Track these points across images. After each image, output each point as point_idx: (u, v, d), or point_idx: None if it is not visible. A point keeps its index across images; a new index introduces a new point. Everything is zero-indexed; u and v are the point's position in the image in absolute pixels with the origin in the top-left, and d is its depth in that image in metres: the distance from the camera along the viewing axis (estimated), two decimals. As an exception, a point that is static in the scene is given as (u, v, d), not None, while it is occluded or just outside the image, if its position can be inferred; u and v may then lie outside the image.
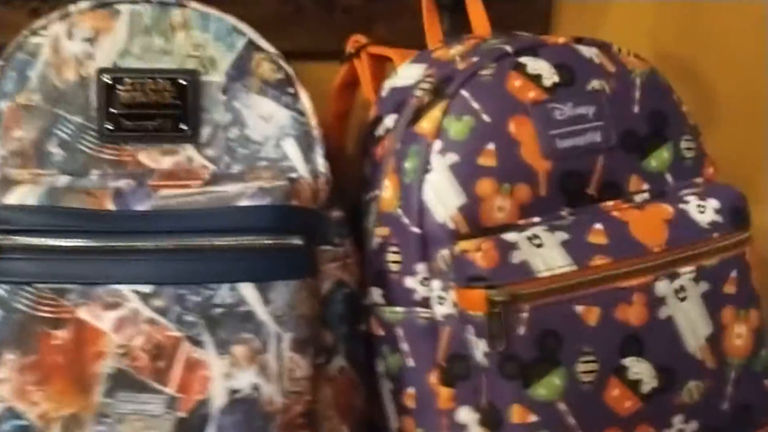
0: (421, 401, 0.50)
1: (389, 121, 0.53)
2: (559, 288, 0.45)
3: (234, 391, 0.46)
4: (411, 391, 0.50)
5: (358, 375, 0.52)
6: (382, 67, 0.60)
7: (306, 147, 0.50)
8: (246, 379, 0.46)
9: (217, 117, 0.50)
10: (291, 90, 0.50)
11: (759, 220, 0.74)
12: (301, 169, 0.50)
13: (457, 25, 0.62)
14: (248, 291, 0.46)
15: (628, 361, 0.47)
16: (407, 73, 0.55)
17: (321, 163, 0.50)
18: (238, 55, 0.50)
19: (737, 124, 0.69)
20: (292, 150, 0.50)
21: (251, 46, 0.50)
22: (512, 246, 0.46)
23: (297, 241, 0.47)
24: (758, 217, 0.73)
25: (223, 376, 0.46)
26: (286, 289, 0.46)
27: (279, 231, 0.46)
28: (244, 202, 0.46)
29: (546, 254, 0.46)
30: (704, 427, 0.49)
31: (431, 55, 0.55)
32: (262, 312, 0.46)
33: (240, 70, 0.50)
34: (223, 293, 0.46)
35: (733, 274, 0.49)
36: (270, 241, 0.46)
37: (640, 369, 0.47)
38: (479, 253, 0.45)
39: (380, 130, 0.54)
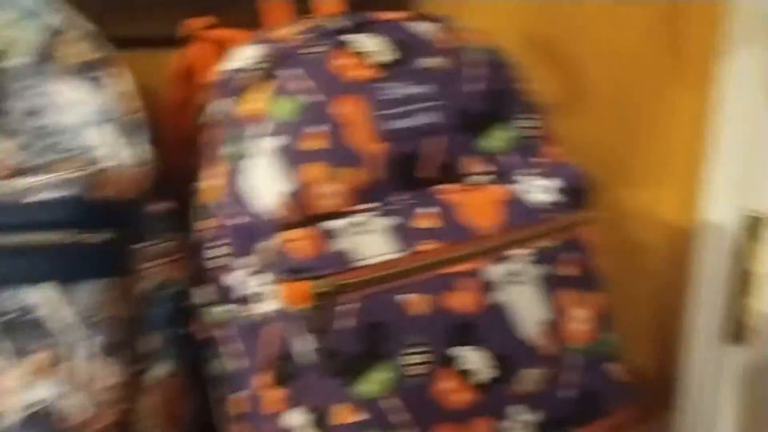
0: (253, 405, 0.47)
1: (218, 105, 0.49)
2: (383, 277, 0.43)
3: (32, 404, 0.42)
4: (243, 394, 0.47)
5: (189, 380, 0.49)
6: (222, 51, 0.57)
7: (127, 133, 0.46)
8: (46, 390, 0.42)
9: (21, 104, 0.46)
10: (106, 72, 0.46)
11: (631, 203, 0.74)
12: (117, 158, 0.46)
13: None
14: (47, 293, 0.42)
15: (461, 351, 0.44)
16: (242, 54, 0.51)
17: (144, 150, 0.46)
18: (45, 36, 0.46)
19: (610, 107, 0.69)
20: (107, 137, 0.46)
21: (61, 25, 0.46)
22: (335, 234, 0.43)
23: (103, 236, 0.43)
24: (630, 199, 0.74)
25: (20, 387, 0.41)
26: (92, 289, 0.42)
27: (81, 226, 0.42)
28: (36, 196, 0.42)
29: (371, 241, 0.43)
30: (548, 417, 0.47)
31: (268, 35, 0.52)
32: (64, 315, 0.42)
33: (47, 52, 0.46)
34: (18, 296, 0.41)
35: (572, 256, 0.47)
36: (70, 238, 0.42)
37: (473, 359, 0.45)
38: (300, 243, 0.43)
39: (210, 116, 0.50)
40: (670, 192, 0.72)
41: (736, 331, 0.65)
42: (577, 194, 0.48)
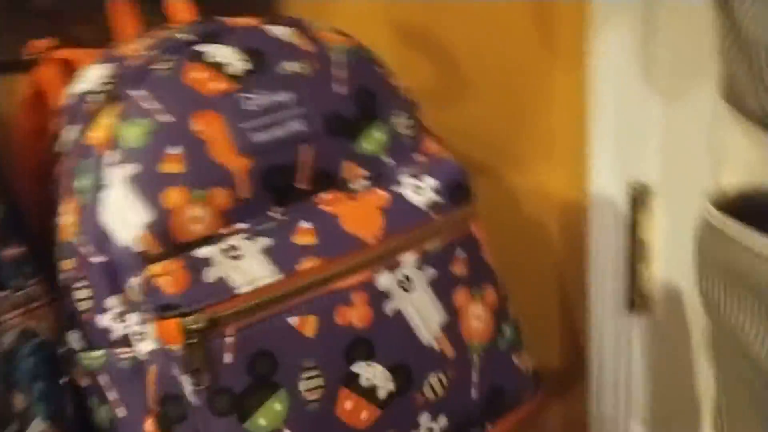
0: (142, 454, 0.43)
1: (67, 134, 0.45)
2: (265, 302, 0.40)
3: None
4: (129, 444, 0.43)
5: (69, 435, 0.44)
6: (71, 73, 0.52)
7: None
8: None
9: None
10: None
11: (518, 185, 0.74)
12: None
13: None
14: None
15: (358, 368, 0.42)
16: (89, 75, 0.47)
17: None
18: None
19: (491, 93, 0.68)
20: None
21: None
22: (205, 263, 0.40)
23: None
24: (518, 181, 0.74)
25: None
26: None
27: None
28: None
29: (246, 266, 0.40)
30: (455, 420, 0.46)
31: (116, 52, 0.47)
32: None
33: None
34: None
35: (461, 253, 0.46)
36: None
37: (372, 373, 0.42)
38: (167, 277, 0.39)
39: (59, 146, 0.46)
40: (559, 170, 0.72)
41: (636, 299, 0.66)
42: (457, 191, 0.46)
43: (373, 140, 0.47)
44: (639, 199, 0.63)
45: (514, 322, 0.49)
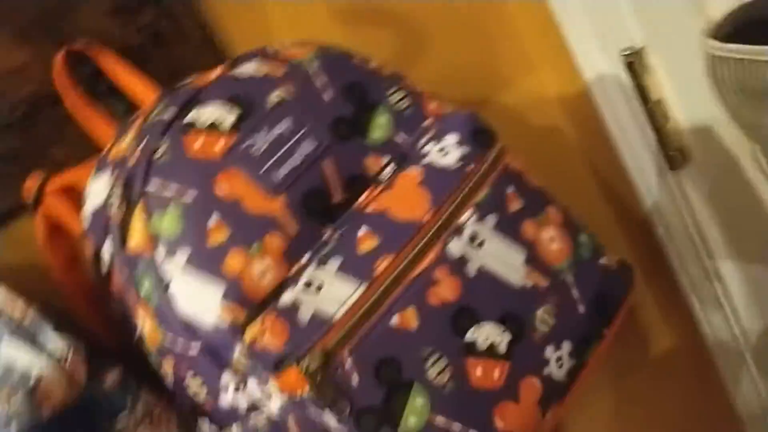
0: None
1: (106, 251, 0.45)
2: (363, 315, 0.41)
3: None
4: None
5: None
6: (76, 196, 0.52)
7: (27, 339, 0.42)
8: None
9: None
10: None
11: (517, 108, 0.74)
12: (37, 366, 0.41)
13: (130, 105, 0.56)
14: None
15: (470, 335, 0.43)
16: (95, 189, 0.47)
17: (55, 341, 0.42)
18: None
19: (453, 35, 0.68)
20: (14, 353, 0.41)
21: None
22: (293, 307, 0.40)
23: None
24: (516, 103, 0.74)
25: None
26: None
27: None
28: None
29: (330, 293, 0.41)
30: (576, 340, 0.46)
31: (108, 158, 0.48)
32: None
33: None
34: None
35: (510, 190, 0.46)
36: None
37: (485, 334, 0.43)
38: (267, 335, 0.40)
39: (104, 266, 0.46)
40: (549, 76, 0.72)
41: (674, 155, 0.66)
42: (478, 135, 0.47)
43: (381, 126, 0.47)
44: (635, 63, 0.63)
45: (585, 227, 0.49)
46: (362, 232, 0.43)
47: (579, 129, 0.73)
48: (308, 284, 0.41)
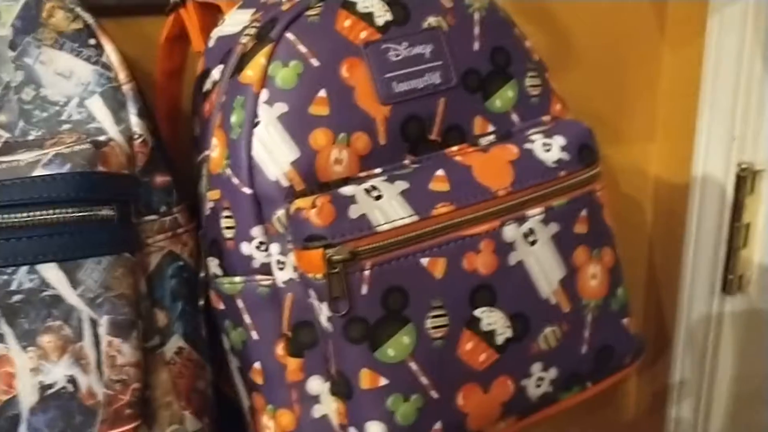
0: (269, 376, 0.46)
1: (216, 73, 0.48)
2: (401, 241, 0.42)
3: (46, 387, 0.40)
4: (258, 366, 0.46)
5: (201, 354, 0.48)
6: (211, 16, 0.54)
7: (115, 105, 0.44)
8: (59, 372, 0.40)
9: (5, 77, 0.43)
10: (92, 41, 0.44)
11: (619, 160, 0.74)
12: (111, 131, 0.44)
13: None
14: (52, 272, 0.40)
15: (480, 312, 0.44)
16: (234, 19, 0.49)
17: (135, 122, 0.45)
18: (25, 4, 0.43)
19: (596, 63, 0.69)
20: (98, 109, 0.44)
21: (44, -7, 0.44)
22: (349, 200, 0.42)
23: (107, 212, 0.41)
24: (618, 156, 0.74)
25: (31, 371, 0.40)
26: (98, 267, 0.41)
27: (83, 202, 0.40)
28: (39, 172, 0.40)
29: (385, 206, 0.42)
30: (564, 373, 0.47)
31: (260, -1, 0.50)
32: (70, 295, 0.40)
33: (29, 22, 0.44)
34: (20, 277, 0.40)
35: (584, 213, 0.47)
36: (72, 214, 0.40)
37: (493, 319, 0.44)
38: (314, 210, 0.41)
39: (208, 84, 0.48)
40: (660, 147, 0.72)
41: (732, 281, 0.66)
42: (584, 151, 0.48)
43: (505, 98, 0.49)
44: (746, 182, 0.64)
45: (625, 287, 0.50)
46: (440, 173, 0.44)
47: (660, 209, 0.73)
48: (370, 190, 0.43)
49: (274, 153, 0.44)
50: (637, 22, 0.69)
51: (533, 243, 0.45)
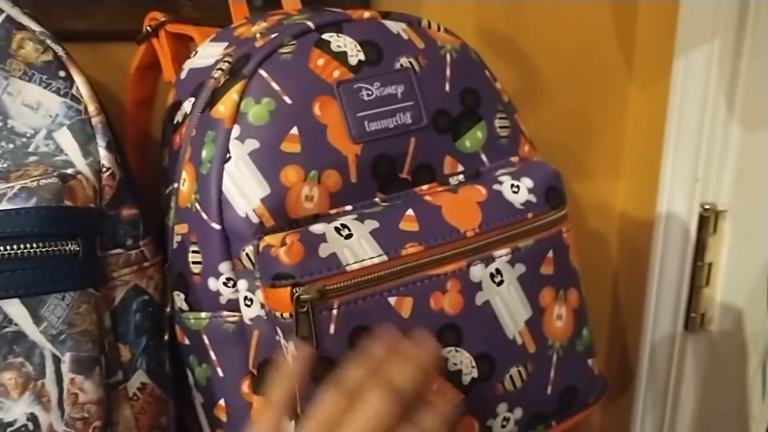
0: (234, 413, 0.45)
1: (187, 105, 0.48)
2: (369, 280, 0.42)
3: (5, 425, 0.39)
4: (222, 402, 0.46)
5: (165, 390, 0.47)
6: (183, 47, 0.55)
7: (84, 138, 0.44)
8: (18, 410, 0.39)
9: (-26, 106, 0.43)
10: (62, 73, 0.44)
11: (586, 196, 0.76)
12: (79, 164, 0.43)
13: (267, 1, 0.58)
14: (14, 309, 0.39)
15: (447, 352, 0.44)
16: (207, 52, 0.50)
17: (103, 155, 0.44)
18: (1, 34, 0.43)
19: (562, 102, 0.70)
20: (66, 142, 0.44)
21: (10, 23, 0.43)
22: (319, 238, 0.42)
23: (72, 247, 0.41)
24: (584, 193, 0.75)
25: (-10, 408, 0.39)
26: (62, 303, 0.40)
27: (48, 237, 0.40)
28: (4, 206, 0.39)
29: (355, 245, 0.42)
30: (529, 413, 0.48)
31: (233, 32, 0.50)
32: (33, 332, 0.40)
33: (3, 51, 0.43)
34: (-17, 313, 0.39)
35: (550, 254, 0.48)
36: (37, 250, 0.39)
37: (458, 359, 0.45)
38: (283, 249, 0.41)
39: (179, 116, 0.48)
40: (626, 184, 0.73)
41: (694, 319, 0.67)
42: (551, 193, 0.49)
43: (474, 139, 0.49)
44: (709, 221, 0.65)
45: (590, 327, 0.51)
46: (410, 212, 0.44)
47: (625, 246, 0.74)
48: (340, 228, 0.43)
49: (244, 189, 0.43)
50: (606, 62, 0.71)
51: (500, 283, 0.46)
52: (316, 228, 0.43)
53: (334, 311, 0.42)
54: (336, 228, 0.43)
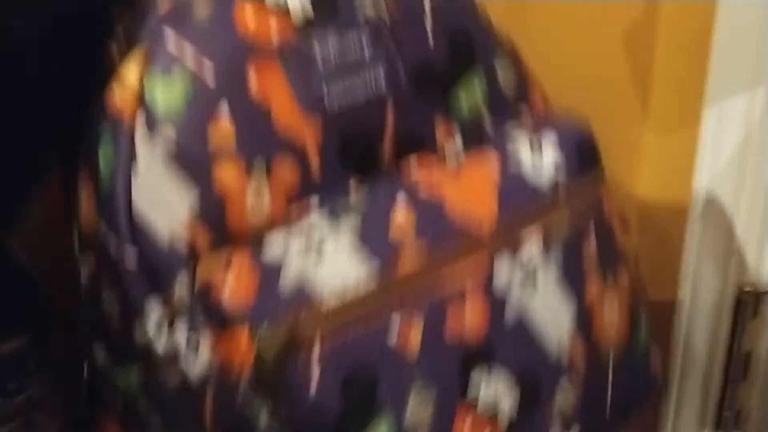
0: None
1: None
2: (358, 307, 0.30)
3: None
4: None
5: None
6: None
7: None
8: None
9: None
10: None
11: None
12: None
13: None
14: None
15: (476, 381, 0.33)
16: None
17: None
18: None
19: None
20: None
21: None
22: (278, 259, 0.30)
23: None
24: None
25: None
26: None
27: None
28: None
29: (332, 259, 0.31)
30: (586, 429, 0.37)
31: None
32: None
33: None
34: None
35: (591, 232, 0.36)
36: None
37: (493, 388, 0.33)
38: (228, 286, 0.29)
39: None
40: (646, 255, 0.59)
41: (727, 418, 0.55)
42: (583, 154, 0.37)
43: (470, 92, 0.37)
44: (747, 304, 0.52)
45: (646, 314, 0.40)
46: (400, 199, 0.33)
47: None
48: (306, 240, 0.31)
49: (162, 200, 0.31)
50: (620, 96, 0.56)
51: (533, 286, 0.34)
52: (273, 243, 0.30)
53: (315, 352, 0.30)
54: (301, 239, 0.31)
